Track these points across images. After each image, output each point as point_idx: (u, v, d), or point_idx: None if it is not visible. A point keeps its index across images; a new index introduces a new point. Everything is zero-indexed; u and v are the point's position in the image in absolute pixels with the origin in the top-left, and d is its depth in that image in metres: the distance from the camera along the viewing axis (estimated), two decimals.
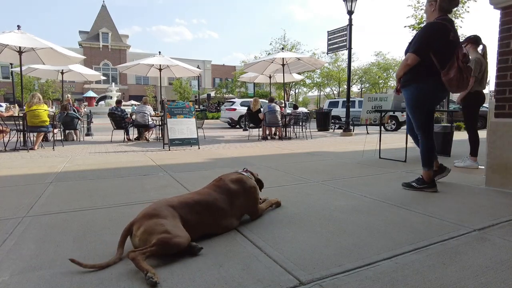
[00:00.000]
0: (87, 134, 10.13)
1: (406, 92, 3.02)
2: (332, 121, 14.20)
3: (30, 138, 6.72)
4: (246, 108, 11.45)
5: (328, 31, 12.33)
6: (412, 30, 11.79)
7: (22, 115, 6.51)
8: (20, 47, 7.20)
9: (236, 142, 8.31)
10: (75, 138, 8.98)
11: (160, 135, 8.79)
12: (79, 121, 8.96)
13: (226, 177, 2.18)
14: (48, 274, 1.52)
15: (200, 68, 12.90)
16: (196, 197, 1.97)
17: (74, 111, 9.18)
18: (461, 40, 3.08)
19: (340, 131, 11.91)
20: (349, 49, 11.15)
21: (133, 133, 9.21)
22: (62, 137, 8.58)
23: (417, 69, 2.85)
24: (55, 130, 7.45)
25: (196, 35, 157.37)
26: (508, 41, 3.02)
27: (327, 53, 13.33)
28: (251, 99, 11.25)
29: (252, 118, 9.83)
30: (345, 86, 20.11)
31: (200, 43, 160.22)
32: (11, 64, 21.20)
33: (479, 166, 4.22)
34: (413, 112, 3.04)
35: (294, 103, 10.08)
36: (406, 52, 2.96)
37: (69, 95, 12.14)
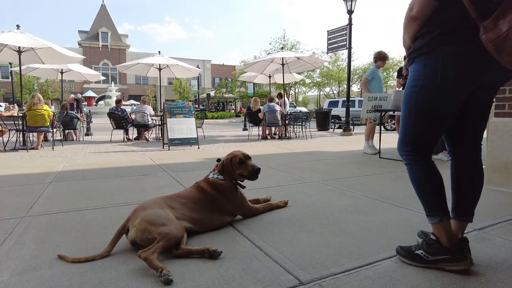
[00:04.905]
0: (87, 134, 10.12)
1: (412, 70, 1.54)
2: (332, 120, 14.20)
3: (29, 138, 6.72)
4: None
5: (328, 31, 12.33)
6: None
7: (21, 115, 6.50)
8: (19, 47, 7.19)
9: (236, 142, 8.31)
10: (74, 138, 8.97)
11: (160, 135, 8.79)
12: (79, 121, 8.96)
13: (200, 181, 2.27)
14: (48, 274, 1.52)
15: (199, 68, 12.88)
16: (177, 193, 2.15)
17: (78, 109, 9.17)
18: None
19: (340, 130, 11.92)
20: (349, 48, 11.16)
21: (133, 133, 9.21)
22: (62, 137, 8.57)
23: (434, 26, 1.41)
24: (54, 130, 7.44)
25: (190, 34, 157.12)
26: None
27: (327, 53, 13.34)
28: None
29: (252, 118, 9.83)
30: (345, 86, 20.12)
31: (196, 42, 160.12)
32: (10, 63, 21.23)
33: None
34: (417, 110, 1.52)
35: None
36: None
37: (72, 95, 12.14)
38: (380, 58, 5.99)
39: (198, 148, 6.76)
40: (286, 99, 10.75)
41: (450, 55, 1.38)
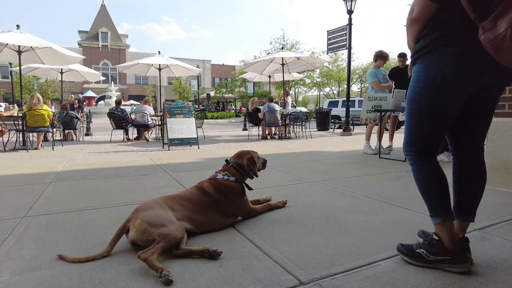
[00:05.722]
0: (87, 134, 10.12)
1: (414, 71, 1.56)
2: (332, 120, 14.20)
3: (29, 138, 6.72)
4: None
5: (328, 31, 12.33)
6: None
7: (21, 115, 6.50)
8: (19, 47, 7.19)
9: (235, 142, 8.31)
10: (74, 138, 8.97)
11: (160, 135, 8.79)
12: (79, 121, 8.96)
13: (203, 182, 2.24)
14: (47, 274, 1.52)
15: (199, 68, 12.88)
16: (178, 194, 2.14)
17: (79, 109, 9.18)
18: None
19: (340, 130, 11.91)
20: (349, 48, 11.15)
21: (133, 133, 9.21)
22: (62, 137, 8.57)
23: (434, 27, 1.44)
24: (53, 130, 7.44)
25: (190, 34, 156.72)
26: None
27: (327, 53, 13.35)
28: None
29: (252, 118, 9.83)
30: (345, 86, 20.13)
31: (195, 42, 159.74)
32: (10, 64, 21.24)
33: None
34: (419, 110, 1.54)
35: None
36: None
37: (72, 96, 12.16)
38: (380, 57, 5.96)
39: (198, 148, 6.76)
40: (288, 98, 10.79)
41: (450, 56, 1.40)
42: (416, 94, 1.53)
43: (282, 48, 23.01)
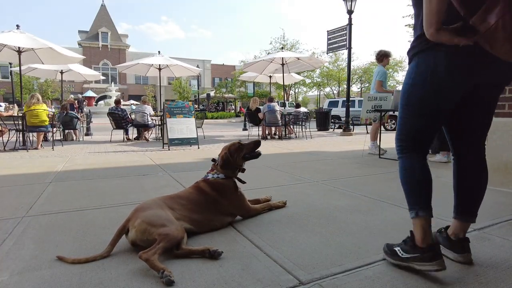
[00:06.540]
0: (87, 134, 10.12)
1: (408, 68, 1.57)
2: (332, 120, 14.20)
3: (29, 138, 6.72)
4: None
5: (327, 31, 12.33)
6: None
7: (21, 115, 6.50)
8: (19, 47, 7.19)
9: None
10: (74, 138, 8.97)
11: (160, 135, 8.78)
12: (79, 121, 8.96)
13: (199, 181, 2.24)
14: (47, 274, 1.52)
15: (199, 68, 12.89)
16: (177, 193, 2.14)
17: (79, 109, 9.17)
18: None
19: (340, 130, 11.91)
20: (349, 48, 11.15)
21: (133, 132, 9.21)
22: (62, 137, 8.57)
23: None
24: (53, 130, 7.44)
25: (189, 34, 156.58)
26: None
27: (327, 53, 13.34)
28: None
29: (252, 118, 9.83)
30: (345, 86, 20.13)
31: (195, 42, 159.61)
32: (10, 63, 21.23)
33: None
34: (413, 107, 1.55)
35: (295, 102, 9.90)
36: None
37: (72, 96, 12.17)
38: (385, 55, 5.91)
39: (198, 148, 6.76)
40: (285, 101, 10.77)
41: (440, 54, 1.40)
42: (406, 92, 1.55)
43: (282, 48, 23.02)
